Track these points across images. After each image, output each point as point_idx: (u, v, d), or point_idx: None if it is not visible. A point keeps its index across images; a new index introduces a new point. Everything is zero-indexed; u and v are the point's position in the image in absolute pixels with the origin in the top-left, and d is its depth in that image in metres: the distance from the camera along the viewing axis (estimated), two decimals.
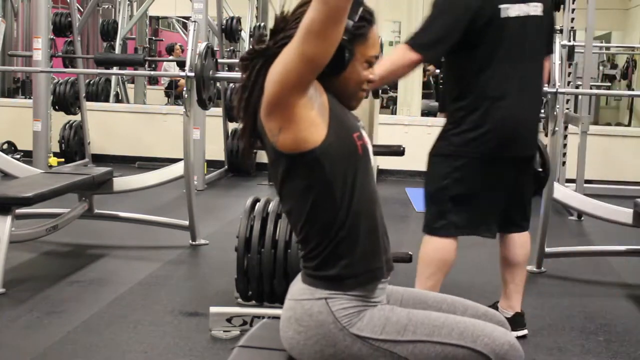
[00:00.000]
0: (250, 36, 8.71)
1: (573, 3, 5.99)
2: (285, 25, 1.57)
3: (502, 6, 2.69)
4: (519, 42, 2.73)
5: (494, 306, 2.94)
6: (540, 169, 3.07)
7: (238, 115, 1.62)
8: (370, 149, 1.66)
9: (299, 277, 1.65)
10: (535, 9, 2.76)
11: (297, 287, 1.62)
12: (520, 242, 3.00)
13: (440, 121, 3.38)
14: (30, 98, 7.47)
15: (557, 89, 3.91)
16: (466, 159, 2.73)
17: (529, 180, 2.96)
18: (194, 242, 4.45)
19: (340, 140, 1.55)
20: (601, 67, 11.32)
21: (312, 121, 1.52)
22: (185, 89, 4.29)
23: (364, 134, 1.64)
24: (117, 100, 9.34)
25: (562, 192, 4.34)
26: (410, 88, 8.29)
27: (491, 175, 2.77)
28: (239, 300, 3.12)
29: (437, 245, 2.81)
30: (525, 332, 3.01)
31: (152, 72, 9.05)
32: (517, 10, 2.72)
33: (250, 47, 1.63)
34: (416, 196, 6.26)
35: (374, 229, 1.62)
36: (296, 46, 1.45)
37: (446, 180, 2.76)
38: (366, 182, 1.61)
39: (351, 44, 1.56)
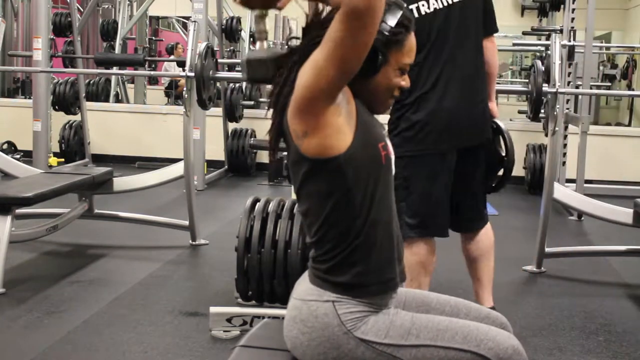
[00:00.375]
0: (250, 36, 8.71)
1: (573, 3, 5.99)
2: (321, 24, 1.53)
3: (412, 6, 2.67)
4: (441, 34, 2.70)
5: None
6: (504, 154, 2.94)
7: (268, 111, 1.61)
8: (393, 159, 1.65)
9: (305, 276, 1.64)
10: None
11: (305, 287, 1.61)
12: (482, 234, 2.92)
13: None
14: (30, 98, 7.46)
15: (557, 89, 3.92)
16: (406, 159, 2.68)
17: (476, 172, 2.87)
18: (194, 242, 4.45)
19: (365, 149, 1.54)
20: (601, 67, 11.31)
21: (339, 128, 1.51)
22: (185, 89, 4.29)
23: (389, 144, 1.63)
24: (117, 100, 9.34)
25: (562, 192, 4.33)
26: None
27: (433, 171, 2.74)
28: (239, 300, 3.12)
29: (413, 249, 2.76)
30: None
31: (152, 72, 9.06)
32: (433, 4, 2.69)
33: (285, 43, 1.62)
34: None
35: (389, 239, 1.61)
36: (326, 51, 1.42)
37: (395, 182, 2.75)
38: (386, 192, 1.60)
39: (385, 48, 1.55)
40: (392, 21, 1.55)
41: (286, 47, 1.59)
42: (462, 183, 2.82)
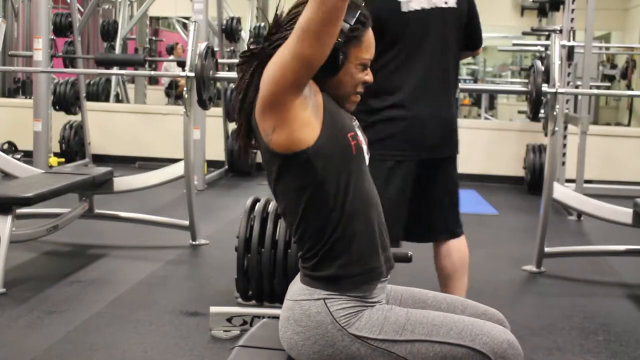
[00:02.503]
0: (250, 36, 8.72)
1: (573, 3, 5.99)
2: (280, 27, 1.58)
3: (401, 0, 2.54)
4: (419, 38, 2.57)
5: None
6: None
7: (234, 116, 1.65)
8: (365, 148, 1.66)
9: (297, 278, 1.66)
10: (446, 1, 2.58)
11: (296, 288, 1.63)
12: (452, 249, 2.72)
13: None
14: (30, 98, 7.48)
15: (556, 89, 3.92)
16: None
17: (445, 183, 2.71)
18: (194, 242, 4.45)
19: (333, 140, 1.56)
20: (601, 67, 11.33)
21: (306, 121, 1.53)
22: (185, 89, 4.30)
23: (359, 133, 1.65)
24: (117, 100, 9.35)
25: (562, 192, 4.34)
26: None
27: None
28: (239, 300, 3.13)
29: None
30: None
31: (152, 72, 9.05)
32: (421, 2, 2.55)
33: (246, 48, 1.65)
34: None
35: (370, 230, 1.62)
36: (292, 46, 1.46)
37: None
38: (361, 182, 1.61)
39: (345, 46, 1.58)
40: (351, 20, 1.58)
41: (248, 50, 1.62)
42: (428, 194, 2.69)
